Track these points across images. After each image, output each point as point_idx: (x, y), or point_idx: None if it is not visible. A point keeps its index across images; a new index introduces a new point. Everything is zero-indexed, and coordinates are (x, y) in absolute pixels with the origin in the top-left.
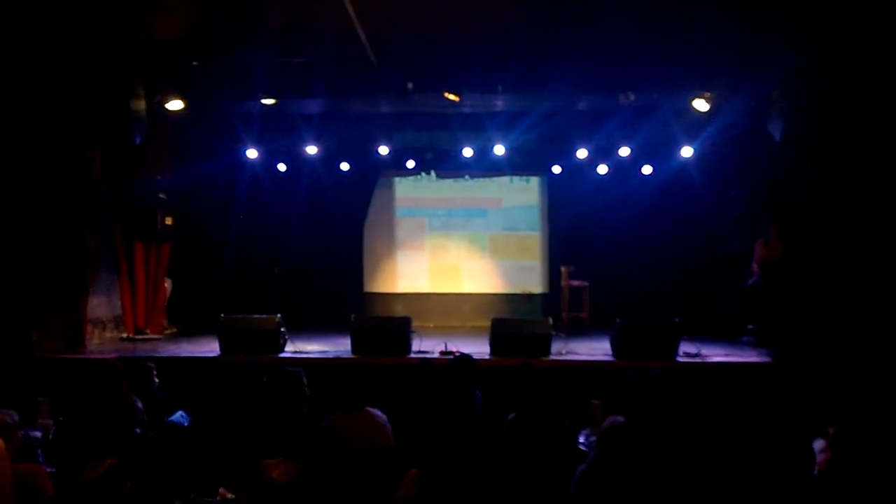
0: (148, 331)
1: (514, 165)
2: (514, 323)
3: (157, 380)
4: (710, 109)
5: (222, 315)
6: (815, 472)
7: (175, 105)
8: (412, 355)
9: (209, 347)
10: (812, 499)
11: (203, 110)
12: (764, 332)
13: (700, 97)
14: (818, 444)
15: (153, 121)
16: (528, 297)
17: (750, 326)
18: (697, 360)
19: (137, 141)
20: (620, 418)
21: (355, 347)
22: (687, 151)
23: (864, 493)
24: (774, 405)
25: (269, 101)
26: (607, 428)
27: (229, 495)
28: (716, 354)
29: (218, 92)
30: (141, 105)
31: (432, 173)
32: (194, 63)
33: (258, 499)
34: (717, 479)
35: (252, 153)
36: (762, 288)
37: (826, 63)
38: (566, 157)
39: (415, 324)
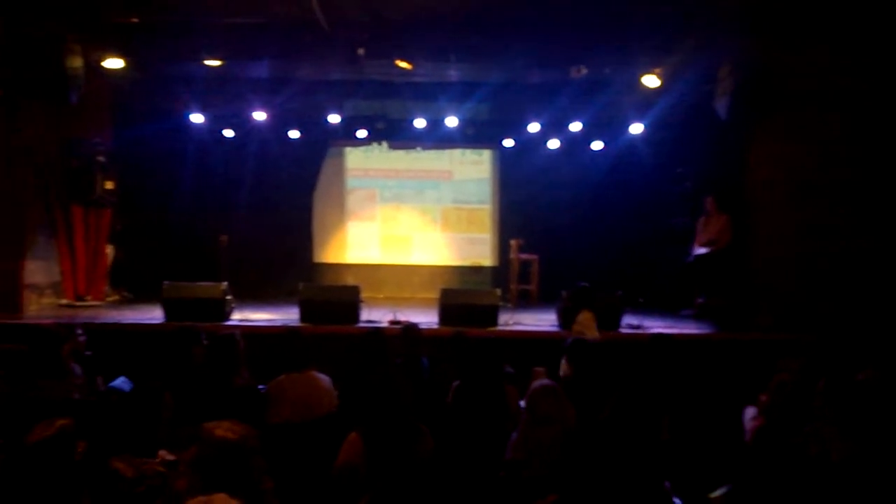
0: (88, 297)
1: (467, 138)
2: (462, 293)
3: (82, 339)
4: (660, 86)
5: (165, 282)
6: (747, 437)
7: (113, 64)
8: (361, 324)
9: (152, 315)
10: (744, 462)
11: (146, 71)
12: (707, 305)
13: (650, 73)
14: (750, 412)
15: (91, 80)
16: (477, 270)
17: (700, 300)
18: (639, 331)
19: (73, 100)
20: (548, 381)
21: (304, 316)
22: (637, 128)
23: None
24: (710, 374)
25: (214, 63)
26: (535, 389)
27: (170, 457)
28: (656, 326)
29: (161, 51)
30: (77, 62)
31: (384, 144)
32: (134, 20)
33: (205, 456)
34: (650, 442)
35: (197, 118)
36: (706, 263)
37: (769, 42)
38: (518, 131)
39: (365, 294)
